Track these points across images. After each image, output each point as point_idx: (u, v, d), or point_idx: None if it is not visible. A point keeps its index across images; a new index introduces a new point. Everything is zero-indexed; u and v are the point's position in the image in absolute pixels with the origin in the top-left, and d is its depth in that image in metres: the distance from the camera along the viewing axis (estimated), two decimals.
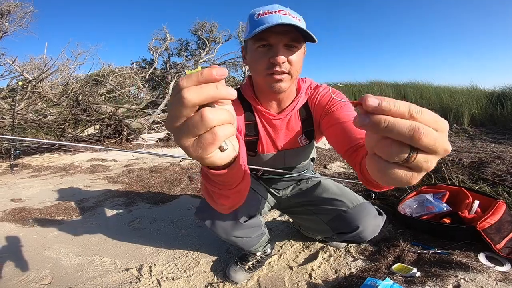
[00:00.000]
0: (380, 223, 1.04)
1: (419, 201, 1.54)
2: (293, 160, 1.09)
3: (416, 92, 6.49)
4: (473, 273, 1.08)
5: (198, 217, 1.02)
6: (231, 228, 0.99)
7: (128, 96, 5.79)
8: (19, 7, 5.73)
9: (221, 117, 0.30)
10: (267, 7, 0.82)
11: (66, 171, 2.92)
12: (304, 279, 1.18)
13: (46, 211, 1.85)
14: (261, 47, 0.82)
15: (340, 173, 2.56)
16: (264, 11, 0.81)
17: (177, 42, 9.70)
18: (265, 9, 0.82)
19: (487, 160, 2.13)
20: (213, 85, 0.29)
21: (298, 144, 1.03)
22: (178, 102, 0.29)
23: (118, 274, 1.23)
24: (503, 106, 4.71)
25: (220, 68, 0.30)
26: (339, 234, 1.09)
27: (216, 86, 0.29)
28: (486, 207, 1.38)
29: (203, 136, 0.31)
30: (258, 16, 0.81)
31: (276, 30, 0.77)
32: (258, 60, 0.83)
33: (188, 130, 0.30)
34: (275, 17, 0.78)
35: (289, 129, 1.00)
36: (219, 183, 0.49)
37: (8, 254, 1.37)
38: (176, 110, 0.30)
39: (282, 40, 0.79)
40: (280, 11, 0.80)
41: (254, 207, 1.07)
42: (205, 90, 0.29)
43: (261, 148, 1.02)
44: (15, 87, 3.71)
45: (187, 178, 2.53)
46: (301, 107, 0.98)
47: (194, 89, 0.29)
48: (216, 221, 0.98)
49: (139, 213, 1.86)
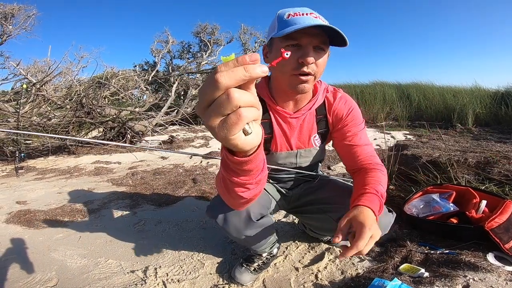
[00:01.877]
0: (391, 219, 1.02)
1: (425, 201, 1.53)
2: (305, 160, 1.10)
3: (419, 92, 6.46)
4: (482, 273, 1.07)
5: (209, 215, 1.02)
6: (244, 226, 0.98)
7: (131, 98, 5.80)
8: (22, 10, 5.77)
9: (246, 98, 0.33)
10: (297, 9, 0.83)
11: (71, 173, 2.93)
12: (310, 280, 1.17)
13: (51, 213, 1.86)
14: (290, 47, 0.82)
15: (344, 174, 2.55)
16: (295, 12, 0.82)
17: (179, 44, 9.71)
18: (295, 11, 0.83)
19: (493, 160, 2.11)
20: (243, 68, 0.32)
21: (312, 144, 1.06)
22: (211, 84, 0.32)
23: (123, 276, 1.23)
24: (507, 105, 4.68)
25: (254, 53, 0.33)
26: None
27: (245, 69, 0.32)
28: (493, 206, 1.36)
29: (228, 117, 0.33)
30: (288, 16, 0.82)
31: (308, 31, 0.78)
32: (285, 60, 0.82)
33: (215, 110, 0.33)
34: (307, 19, 0.80)
35: (303, 128, 1.02)
36: (241, 172, 0.51)
37: (14, 256, 1.37)
38: (208, 93, 0.33)
39: (312, 42, 0.81)
40: (311, 13, 0.82)
41: (265, 206, 1.07)
42: (237, 73, 0.31)
43: (275, 146, 1.03)
44: (20, 90, 3.73)
45: (191, 180, 2.53)
46: (317, 108, 1.01)
47: (227, 73, 0.31)
48: (229, 219, 0.97)
49: (143, 215, 1.86)
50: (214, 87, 0.32)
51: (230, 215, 0.97)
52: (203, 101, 0.34)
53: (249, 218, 0.98)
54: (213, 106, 0.33)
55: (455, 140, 3.47)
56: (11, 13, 5.62)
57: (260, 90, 0.99)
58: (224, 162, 0.50)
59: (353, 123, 1.01)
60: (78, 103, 3.98)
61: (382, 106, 6.19)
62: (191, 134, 5.07)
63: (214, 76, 0.32)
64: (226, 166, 0.50)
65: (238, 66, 0.32)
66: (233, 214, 0.97)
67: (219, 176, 0.64)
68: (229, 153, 0.46)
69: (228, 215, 0.97)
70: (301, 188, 1.22)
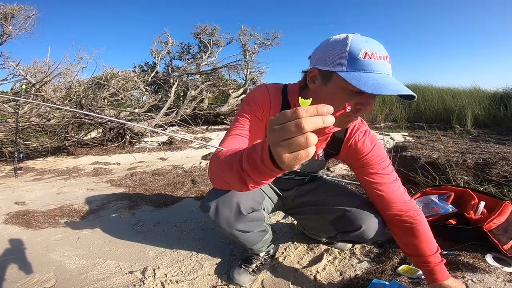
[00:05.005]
0: (384, 221, 1.03)
1: (424, 202, 1.53)
2: (305, 168, 1.11)
3: (418, 94, 6.43)
4: (480, 274, 1.07)
5: (202, 209, 1.02)
6: (234, 219, 0.99)
7: (130, 99, 5.80)
8: (22, 10, 5.78)
9: (316, 140, 0.39)
10: (374, 46, 0.71)
11: (70, 174, 2.92)
12: (309, 281, 1.17)
13: (49, 214, 1.85)
14: (353, 93, 0.72)
15: (343, 175, 2.55)
16: (372, 52, 0.69)
17: (179, 45, 9.75)
18: (373, 49, 0.69)
19: (491, 161, 2.12)
20: (321, 119, 0.38)
21: (315, 157, 1.04)
22: (295, 127, 0.38)
23: (122, 277, 1.23)
24: (506, 107, 4.69)
25: (329, 106, 0.39)
26: (342, 233, 1.09)
27: (323, 120, 0.38)
28: (492, 208, 1.36)
29: (300, 152, 0.39)
30: (365, 56, 0.68)
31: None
32: (344, 101, 0.71)
33: (290, 146, 0.39)
34: (385, 67, 0.71)
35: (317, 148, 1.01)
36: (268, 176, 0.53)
37: (12, 257, 1.37)
38: (290, 132, 0.38)
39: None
40: (386, 57, 0.71)
41: (257, 201, 1.07)
42: (317, 122, 0.38)
43: None
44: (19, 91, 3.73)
45: (190, 181, 2.53)
46: (336, 132, 1.00)
47: (309, 120, 0.37)
48: (220, 213, 0.98)
49: (142, 216, 1.85)
50: (298, 130, 0.38)
51: (221, 208, 0.97)
52: (283, 136, 0.40)
53: (239, 211, 0.98)
54: (289, 142, 0.39)
55: (454, 142, 3.48)
56: (11, 13, 5.63)
57: (291, 93, 0.93)
58: (257, 165, 0.52)
59: (377, 159, 0.97)
60: (77, 104, 3.98)
61: (381, 107, 6.21)
62: (190, 135, 5.07)
63: (299, 121, 0.38)
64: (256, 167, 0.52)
65: (318, 116, 0.38)
66: (224, 206, 0.97)
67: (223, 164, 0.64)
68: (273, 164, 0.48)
69: (219, 208, 0.97)
70: (296, 189, 1.23)
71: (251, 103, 0.91)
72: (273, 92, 0.93)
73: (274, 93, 0.93)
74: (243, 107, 0.91)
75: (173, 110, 5.71)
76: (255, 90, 0.95)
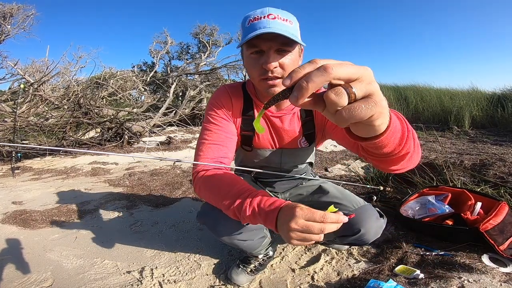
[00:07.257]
0: (382, 225, 1.03)
1: (421, 203, 1.54)
2: (289, 160, 1.10)
3: (416, 95, 6.49)
4: (477, 274, 1.08)
5: (200, 221, 1.02)
6: (234, 231, 0.98)
7: (129, 99, 5.79)
8: (21, 9, 5.76)
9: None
10: (258, 12, 0.82)
11: (67, 174, 2.92)
12: (306, 281, 1.18)
13: (47, 214, 1.85)
14: (254, 54, 0.83)
15: (342, 176, 2.56)
16: (255, 16, 0.81)
17: (178, 45, 9.74)
18: (255, 15, 0.81)
19: (488, 162, 2.13)
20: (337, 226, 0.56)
21: (297, 145, 1.05)
22: (319, 230, 0.56)
23: (119, 277, 1.23)
24: (503, 108, 4.71)
25: (345, 217, 0.57)
26: (341, 237, 1.08)
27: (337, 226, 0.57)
28: (488, 208, 1.37)
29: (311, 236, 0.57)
30: (248, 22, 0.81)
31: (265, 36, 0.78)
32: (252, 67, 0.85)
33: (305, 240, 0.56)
34: (264, 22, 0.79)
35: (288, 129, 1.01)
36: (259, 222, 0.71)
37: (9, 256, 1.36)
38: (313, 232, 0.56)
39: (272, 46, 0.80)
40: (269, 15, 0.80)
41: None
42: (332, 227, 0.55)
43: (256, 142, 1.04)
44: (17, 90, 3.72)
45: (188, 181, 2.53)
46: (301, 109, 0.99)
47: (329, 225, 0.55)
48: (219, 225, 0.97)
49: (140, 216, 1.85)
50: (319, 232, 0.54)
51: (220, 220, 0.96)
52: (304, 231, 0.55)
53: (239, 222, 0.98)
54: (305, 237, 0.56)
55: (452, 142, 3.49)
56: (9, 12, 5.61)
57: (249, 86, 1.01)
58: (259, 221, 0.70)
59: None
60: (75, 103, 3.97)
61: None
62: (188, 135, 5.07)
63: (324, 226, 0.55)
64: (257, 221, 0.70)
65: (335, 223, 0.55)
66: (223, 219, 0.95)
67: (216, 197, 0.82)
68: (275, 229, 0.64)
69: (218, 220, 0.96)
70: (291, 193, 1.22)
71: (214, 107, 0.97)
72: (233, 90, 1.00)
73: (233, 90, 1.00)
74: (208, 113, 0.97)
75: (172, 110, 5.70)
76: (216, 93, 1.01)
